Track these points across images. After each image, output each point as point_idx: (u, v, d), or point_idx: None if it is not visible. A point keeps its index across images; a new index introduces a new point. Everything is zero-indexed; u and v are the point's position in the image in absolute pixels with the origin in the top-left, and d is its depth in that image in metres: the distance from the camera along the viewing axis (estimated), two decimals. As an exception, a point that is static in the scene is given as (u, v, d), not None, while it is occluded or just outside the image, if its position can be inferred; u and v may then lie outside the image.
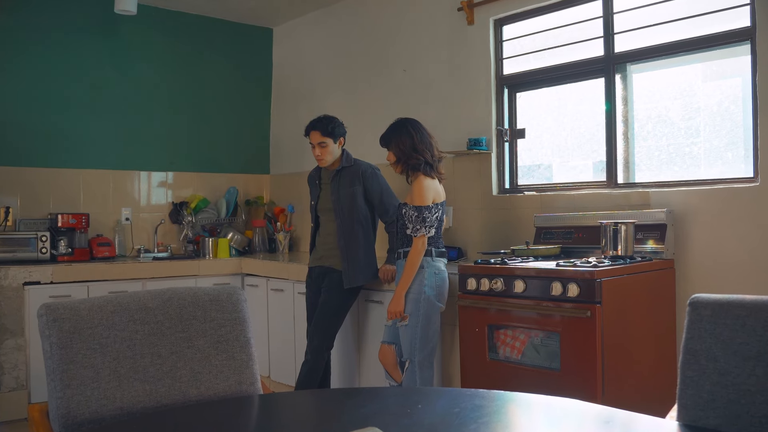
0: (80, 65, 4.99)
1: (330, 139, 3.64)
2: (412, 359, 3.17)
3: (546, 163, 3.92)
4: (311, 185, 3.89)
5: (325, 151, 3.64)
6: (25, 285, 4.20)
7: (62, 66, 4.92)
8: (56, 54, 4.89)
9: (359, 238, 3.60)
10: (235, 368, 1.71)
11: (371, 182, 3.63)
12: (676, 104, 3.34)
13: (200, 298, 1.72)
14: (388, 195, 3.66)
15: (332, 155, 3.67)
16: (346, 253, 3.59)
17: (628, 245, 3.10)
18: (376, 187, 3.64)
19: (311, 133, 3.68)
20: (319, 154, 3.65)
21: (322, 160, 3.67)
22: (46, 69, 4.85)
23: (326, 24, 5.32)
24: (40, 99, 4.83)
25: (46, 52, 4.85)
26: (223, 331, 1.72)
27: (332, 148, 3.66)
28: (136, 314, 1.64)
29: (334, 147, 3.66)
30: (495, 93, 4.02)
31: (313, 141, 3.67)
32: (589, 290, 2.75)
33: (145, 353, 1.62)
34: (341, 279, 3.63)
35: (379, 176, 3.69)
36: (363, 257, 3.60)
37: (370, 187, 3.63)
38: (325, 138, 3.64)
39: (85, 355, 1.56)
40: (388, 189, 3.69)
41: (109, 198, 5.09)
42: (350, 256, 3.58)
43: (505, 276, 3.04)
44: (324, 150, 3.64)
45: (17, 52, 4.74)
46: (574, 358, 2.81)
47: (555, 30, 3.79)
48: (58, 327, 1.56)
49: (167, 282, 4.64)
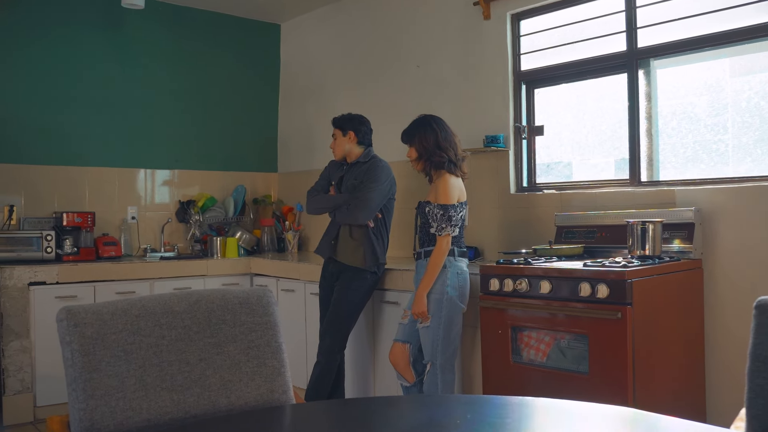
0: (85, 61, 4.89)
1: (339, 131, 3.68)
2: (434, 362, 3.08)
3: (565, 161, 3.83)
4: (333, 171, 3.80)
5: (334, 144, 3.71)
6: (31, 285, 4.11)
7: (67, 62, 4.81)
8: (61, 49, 4.79)
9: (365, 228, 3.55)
10: (267, 376, 1.61)
11: (371, 170, 3.56)
12: (702, 100, 3.25)
13: (229, 300, 1.62)
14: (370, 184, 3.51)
15: (341, 148, 3.68)
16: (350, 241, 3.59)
17: (655, 245, 3.01)
18: (372, 173, 3.54)
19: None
20: (331, 145, 3.72)
21: (333, 151, 3.73)
22: (50, 65, 4.75)
23: (335, 20, 5.22)
24: (44, 95, 4.73)
25: (51, 48, 4.75)
26: (254, 336, 1.62)
27: (341, 141, 3.68)
28: (162, 318, 1.54)
29: (343, 141, 3.67)
30: (512, 89, 3.93)
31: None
32: (620, 291, 2.66)
33: (172, 360, 1.52)
34: (355, 276, 3.55)
35: (381, 171, 3.56)
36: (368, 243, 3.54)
37: (368, 171, 3.55)
38: (336, 130, 3.70)
39: (109, 362, 1.46)
40: (377, 181, 3.51)
41: (114, 196, 4.99)
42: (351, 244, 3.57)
43: (530, 276, 2.94)
44: (334, 142, 3.70)
45: (20, 48, 4.64)
46: (603, 361, 2.72)
47: (574, 25, 3.70)
48: (79, 333, 1.46)
49: (176, 282, 4.55)
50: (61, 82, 4.79)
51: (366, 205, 3.48)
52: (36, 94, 4.70)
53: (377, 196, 3.51)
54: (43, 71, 4.72)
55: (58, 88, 4.78)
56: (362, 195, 3.50)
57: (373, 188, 3.49)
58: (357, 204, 3.50)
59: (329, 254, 3.63)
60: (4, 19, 4.59)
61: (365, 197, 3.49)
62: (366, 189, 3.50)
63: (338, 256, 3.59)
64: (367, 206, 3.49)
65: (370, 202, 3.49)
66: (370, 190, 3.49)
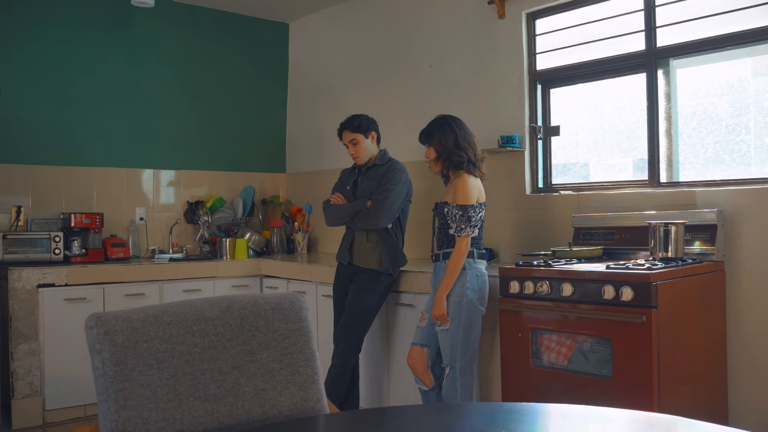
0: (93, 60, 4.83)
1: (360, 134, 3.59)
2: (453, 365, 3.04)
3: (582, 162, 3.78)
4: (345, 179, 3.75)
5: (358, 148, 3.59)
6: (39, 287, 4.05)
7: (74, 60, 4.76)
8: (68, 48, 4.74)
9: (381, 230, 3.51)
10: (300, 384, 1.56)
11: (389, 172, 3.52)
12: (723, 100, 3.21)
13: (261, 306, 1.58)
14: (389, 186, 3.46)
15: (367, 151, 3.61)
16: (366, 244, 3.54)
17: (678, 247, 2.96)
18: (389, 175, 3.50)
19: (342, 133, 3.65)
20: (353, 152, 3.61)
21: (357, 157, 3.62)
22: (57, 63, 4.70)
23: (344, 18, 5.17)
24: (50, 94, 4.67)
25: (57, 46, 4.70)
26: (287, 342, 1.57)
27: (365, 144, 3.59)
28: (195, 325, 1.50)
29: (367, 143, 3.60)
30: (528, 89, 3.88)
31: (345, 140, 3.63)
32: (645, 294, 2.61)
33: (205, 369, 1.48)
34: (370, 279, 3.50)
35: (399, 173, 3.53)
36: (384, 246, 3.49)
37: (385, 174, 3.51)
38: (355, 135, 3.59)
39: (141, 372, 1.41)
40: (395, 185, 3.48)
41: (122, 197, 4.94)
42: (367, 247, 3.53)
43: (552, 279, 2.90)
44: (357, 147, 3.59)
45: (26, 46, 4.58)
46: (627, 365, 2.67)
47: (590, 24, 3.65)
48: (110, 341, 1.41)
49: (185, 284, 4.51)
50: (68, 81, 4.73)
51: (387, 209, 3.44)
52: (42, 93, 4.64)
53: (397, 198, 3.47)
54: (50, 70, 4.67)
55: (65, 87, 4.73)
56: (382, 199, 3.45)
57: (392, 190, 3.45)
58: (377, 208, 3.45)
59: (347, 259, 3.59)
60: (9, 17, 4.54)
61: (386, 201, 3.45)
62: (386, 192, 3.45)
63: (354, 260, 3.55)
64: (388, 210, 3.44)
65: (391, 205, 3.45)
66: (390, 192, 3.45)
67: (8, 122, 4.51)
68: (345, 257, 3.60)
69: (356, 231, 3.58)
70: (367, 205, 3.52)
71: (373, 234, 3.53)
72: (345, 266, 3.63)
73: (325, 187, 5.16)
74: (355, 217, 3.55)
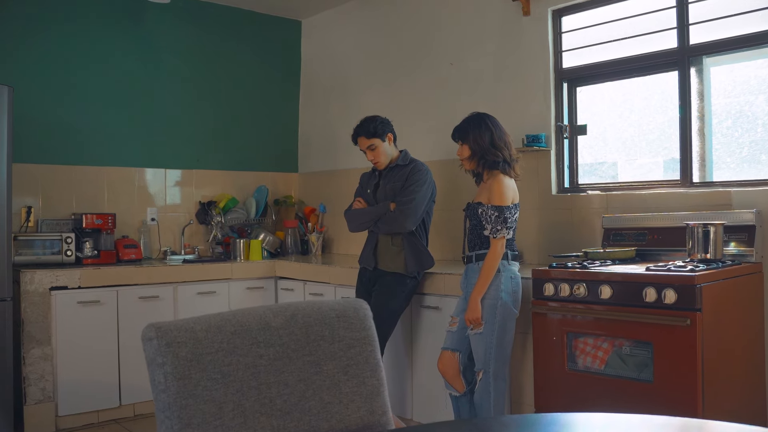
0: (103, 57, 4.73)
1: (377, 139, 3.50)
2: (486, 370, 2.97)
3: (610, 161, 3.72)
4: (366, 182, 3.66)
5: (376, 153, 3.50)
6: (52, 290, 3.95)
7: (85, 58, 4.65)
8: (78, 44, 4.63)
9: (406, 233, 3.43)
10: (366, 396, 1.49)
11: (413, 174, 3.44)
12: (759, 99, 3.15)
13: (326, 314, 1.50)
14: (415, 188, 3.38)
15: (386, 155, 3.53)
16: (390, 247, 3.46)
17: (717, 248, 2.90)
18: (414, 177, 3.43)
19: (358, 140, 3.55)
20: (372, 158, 3.53)
21: (377, 162, 3.54)
22: (67, 60, 4.59)
23: (360, 15, 5.09)
24: (60, 92, 4.57)
25: (68, 43, 4.59)
26: (353, 352, 1.49)
27: (384, 148, 3.51)
28: (259, 335, 1.41)
29: (385, 146, 3.52)
30: (554, 87, 3.81)
31: (362, 146, 3.54)
32: (689, 297, 2.55)
33: (271, 382, 1.39)
34: (395, 282, 3.43)
35: (424, 174, 3.46)
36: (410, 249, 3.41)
37: (410, 176, 3.43)
38: (372, 140, 3.50)
39: (206, 386, 1.33)
40: (421, 186, 3.40)
41: (134, 197, 4.84)
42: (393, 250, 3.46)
43: (589, 281, 2.83)
44: (375, 152, 3.50)
45: (37, 42, 4.47)
46: (670, 370, 2.61)
47: (618, 22, 3.58)
48: (173, 353, 1.32)
49: (200, 286, 4.42)
50: (78, 78, 4.63)
51: (414, 211, 3.36)
52: (52, 91, 4.54)
53: (423, 200, 3.39)
54: (60, 67, 4.56)
55: (75, 85, 4.62)
56: (408, 201, 3.37)
57: (418, 192, 3.37)
58: (403, 211, 3.37)
59: (373, 264, 3.50)
60: (20, 14, 4.43)
61: (412, 203, 3.36)
62: (412, 194, 3.37)
63: (380, 264, 3.47)
64: (414, 213, 3.36)
65: (417, 208, 3.37)
66: (416, 194, 3.37)
67: (17, 120, 4.39)
68: (370, 262, 3.52)
69: (380, 235, 3.49)
70: (390, 208, 3.44)
71: (397, 237, 3.45)
72: (369, 270, 3.54)
73: (338, 187, 5.10)
74: (378, 220, 3.46)
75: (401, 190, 3.43)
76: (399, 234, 3.45)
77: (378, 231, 3.49)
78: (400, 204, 3.39)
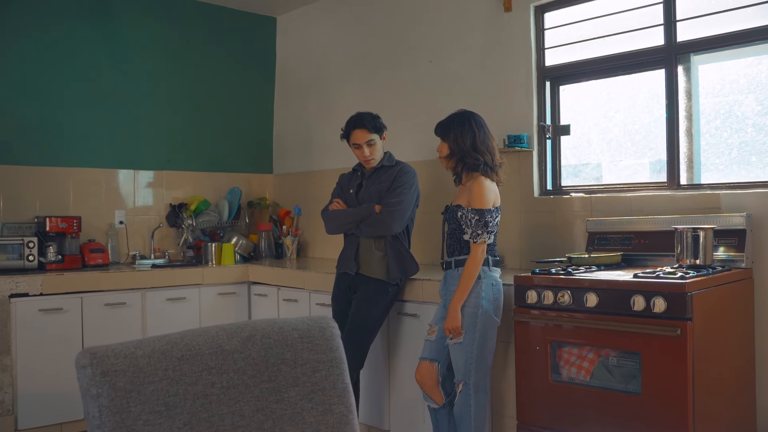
0: (70, 54, 4.53)
1: (377, 135, 3.33)
2: (467, 381, 2.82)
3: (594, 162, 3.60)
4: (346, 183, 3.50)
5: (374, 150, 3.33)
6: (12, 297, 3.75)
7: (51, 55, 4.45)
8: (44, 42, 4.43)
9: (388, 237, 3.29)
10: (333, 425, 1.34)
11: (401, 175, 3.30)
12: (749, 98, 3.04)
13: (288, 334, 1.34)
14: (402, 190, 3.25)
15: (381, 153, 3.38)
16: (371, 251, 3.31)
17: (707, 253, 2.79)
18: (402, 179, 3.28)
19: (356, 131, 3.31)
20: (368, 153, 3.32)
21: (371, 159, 3.35)
22: (31, 58, 4.38)
23: (337, 12, 4.93)
24: (25, 91, 4.36)
25: (32, 40, 4.38)
26: (318, 376, 1.34)
27: (380, 146, 3.36)
28: (211, 360, 1.26)
29: (381, 144, 3.37)
30: (536, 86, 3.68)
31: (359, 140, 3.31)
32: (680, 305, 2.42)
33: (224, 413, 1.24)
34: (377, 289, 3.28)
35: (412, 177, 3.33)
36: (393, 254, 3.28)
37: (397, 177, 3.29)
38: (374, 135, 3.32)
39: (147, 421, 1.17)
40: (408, 188, 3.28)
41: (101, 199, 4.64)
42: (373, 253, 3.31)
43: (574, 288, 2.70)
44: (373, 148, 3.32)
45: (0, 40, 4.27)
46: (659, 381, 2.49)
47: (602, 18, 3.47)
48: (109, 384, 1.16)
49: (169, 292, 4.23)
50: (45, 77, 4.43)
51: (401, 214, 3.21)
52: (16, 89, 4.33)
53: (410, 203, 3.24)
54: (24, 65, 4.36)
55: (40, 82, 4.42)
56: (397, 203, 3.21)
57: (406, 194, 3.22)
58: (391, 212, 3.21)
59: (354, 269, 3.34)
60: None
61: (400, 205, 3.21)
62: (400, 196, 3.22)
63: (362, 269, 3.31)
64: (402, 216, 3.21)
65: (405, 210, 3.22)
66: (404, 196, 3.21)
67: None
68: (351, 267, 3.35)
69: (361, 238, 3.33)
70: (375, 210, 3.28)
71: (380, 241, 3.30)
72: (348, 276, 3.38)
73: (314, 189, 4.94)
74: (362, 222, 3.30)
75: (388, 191, 3.27)
76: (382, 238, 3.30)
77: (361, 234, 3.32)
78: (388, 206, 3.23)
